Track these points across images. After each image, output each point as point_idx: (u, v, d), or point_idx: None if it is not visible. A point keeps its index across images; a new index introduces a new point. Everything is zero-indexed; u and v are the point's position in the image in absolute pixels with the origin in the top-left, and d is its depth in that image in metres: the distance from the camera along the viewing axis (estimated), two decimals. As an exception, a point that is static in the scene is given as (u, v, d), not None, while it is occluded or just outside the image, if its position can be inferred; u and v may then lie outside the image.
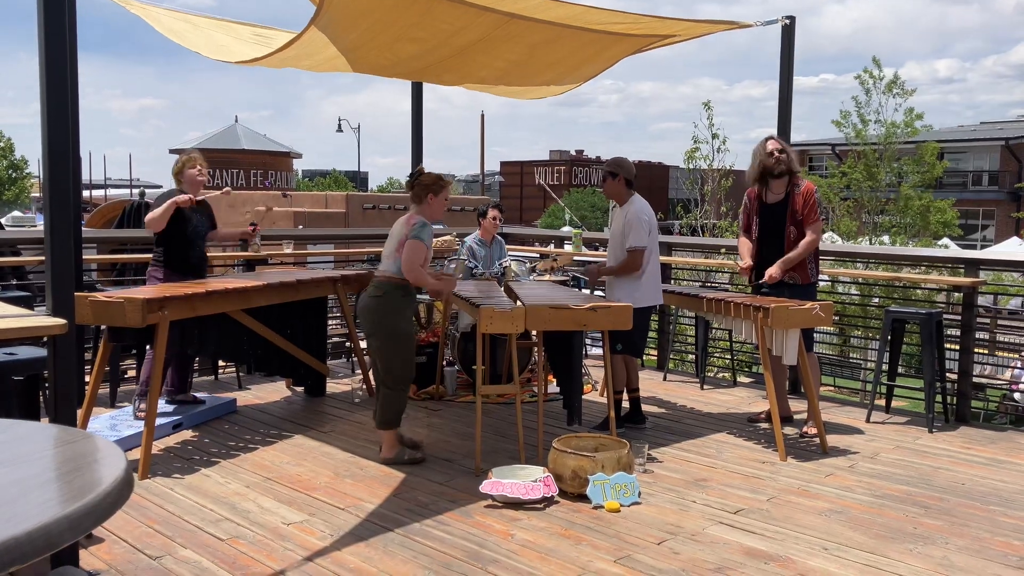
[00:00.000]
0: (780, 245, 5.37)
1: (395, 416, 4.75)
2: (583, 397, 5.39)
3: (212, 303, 4.97)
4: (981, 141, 38.29)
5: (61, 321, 3.09)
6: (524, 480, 4.18)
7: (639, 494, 4.19)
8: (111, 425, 5.14)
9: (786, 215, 5.36)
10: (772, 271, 5.34)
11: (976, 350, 6.54)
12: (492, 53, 6.18)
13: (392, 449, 4.75)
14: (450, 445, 5.12)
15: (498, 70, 6.67)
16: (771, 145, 5.41)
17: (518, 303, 4.88)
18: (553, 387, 6.29)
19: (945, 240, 22.19)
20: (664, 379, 7.23)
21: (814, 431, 5.27)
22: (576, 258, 7.55)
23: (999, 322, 11.40)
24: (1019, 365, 10.50)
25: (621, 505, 4.09)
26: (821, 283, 8.91)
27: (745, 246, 5.62)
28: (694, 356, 7.75)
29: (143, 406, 5.23)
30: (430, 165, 5.90)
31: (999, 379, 9.87)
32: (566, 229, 8.32)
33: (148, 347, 5.35)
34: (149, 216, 5.35)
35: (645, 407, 5.76)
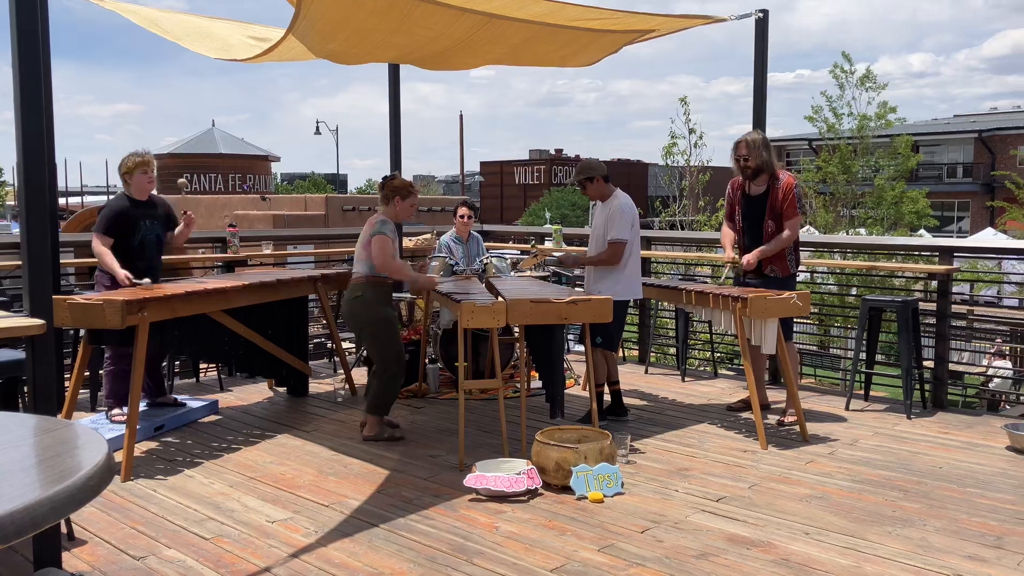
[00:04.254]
0: (760, 236, 5.45)
1: (385, 404, 5.12)
2: (566, 391, 5.42)
3: (192, 304, 4.95)
4: (955, 134, 38.70)
5: (39, 322, 3.08)
6: (508, 473, 4.20)
7: (622, 484, 4.22)
8: (92, 429, 5.10)
9: (766, 208, 5.44)
10: (748, 258, 5.43)
11: (953, 339, 6.63)
12: (474, 54, 6.21)
13: (374, 429, 5.11)
14: (434, 441, 5.13)
15: (480, 66, 6.71)
16: (739, 151, 5.49)
17: (499, 298, 4.90)
18: (536, 383, 6.31)
19: (921, 231, 22.43)
20: (646, 372, 7.27)
21: (792, 419, 5.34)
22: (556, 254, 7.57)
23: (975, 311, 11.55)
24: (993, 352, 10.65)
25: (604, 495, 4.11)
26: (801, 275, 9.00)
27: (728, 237, 5.69)
28: (675, 349, 7.80)
29: (115, 411, 5.21)
30: (409, 166, 6.00)
31: (976, 367, 10.00)
32: (547, 227, 8.35)
33: (106, 359, 5.27)
34: (95, 246, 5.07)
35: (627, 400, 5.80)
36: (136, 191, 5.25)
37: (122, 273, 5.03)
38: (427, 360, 6.46)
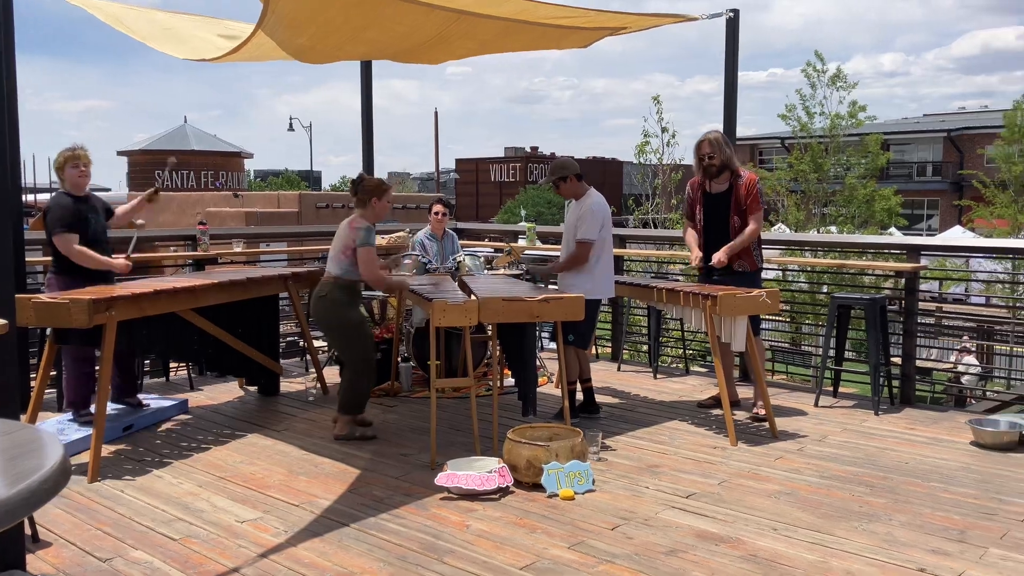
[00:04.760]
0: (725, 233, 5.50)
1: (357, 402, 5.10)
2: (538, 389, 5.43)
3: (160, 303, 4.90)
4: (924, 133, 39.19)
5: (1, 321, 3.03)
6: (479, 471, 4.20)
7: (593, 481, 4.24)
8: (59, 430, 5.04)
9: (730, 205, 5.50)
10: (719, 255, 5.47)
11: (920, 336, 6.72)
12: (445, 49, 6.20)
13: (345, 428, 5.10)
14: (406, 440, 5.12)
15: (451, 60, 6.70)
16: (703, 149, 5.56)
17: (471, 296, 4.90)
18: (508, 381, 6.31)
19: (892, 229, 22.71)
20: (618, 370, 7.30)
21: (763, 411, 5.38)
22: (529, 252, 7.58)
23: (943, 308, 11.72)
24: (960, 349, 10.81)
25: (575, 493, 4.13)
26: (772, 272, 9.09)
27: (692, 237, 5.74)
28: (647, 347, 7.84)
29: (81, 413, 5.14)
30: (383, 163, 5.99)
31: (944, 363, 10.14)
32: (522, 224, 8.37)
33: (64, 366, 5.21)
34: (68, 247, 4.97)
35: (599, 397, 5.81)
36: (71, 186, 5.15)
37: (120, 262, 5.19)
38: (399, 358, 6.45)
